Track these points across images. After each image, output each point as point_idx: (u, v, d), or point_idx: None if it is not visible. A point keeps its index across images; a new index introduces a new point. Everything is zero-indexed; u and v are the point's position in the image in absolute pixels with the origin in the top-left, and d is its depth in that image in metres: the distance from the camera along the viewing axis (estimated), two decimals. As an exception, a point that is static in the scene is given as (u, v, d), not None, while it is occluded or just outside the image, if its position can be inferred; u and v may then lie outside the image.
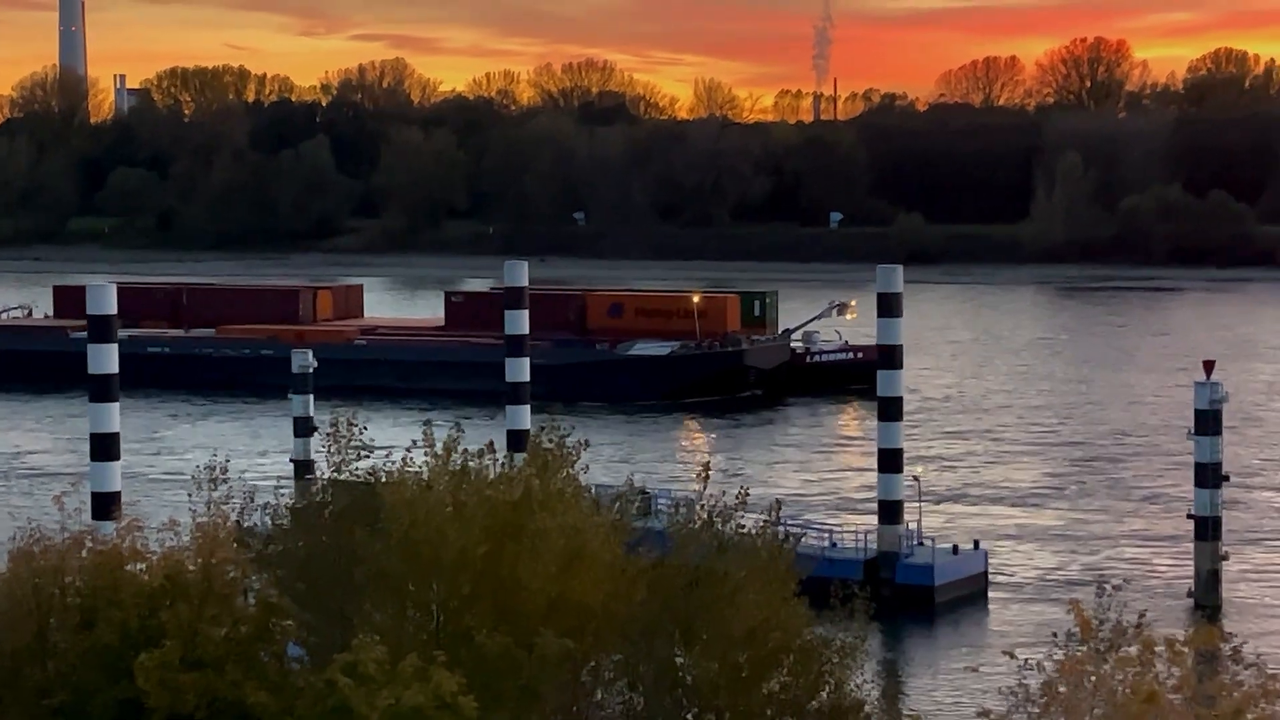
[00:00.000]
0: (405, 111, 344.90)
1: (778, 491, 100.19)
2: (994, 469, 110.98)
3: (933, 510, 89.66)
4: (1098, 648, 30.90)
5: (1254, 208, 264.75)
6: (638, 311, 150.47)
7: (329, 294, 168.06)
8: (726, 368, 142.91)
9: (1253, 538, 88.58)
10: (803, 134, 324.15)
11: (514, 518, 38.35)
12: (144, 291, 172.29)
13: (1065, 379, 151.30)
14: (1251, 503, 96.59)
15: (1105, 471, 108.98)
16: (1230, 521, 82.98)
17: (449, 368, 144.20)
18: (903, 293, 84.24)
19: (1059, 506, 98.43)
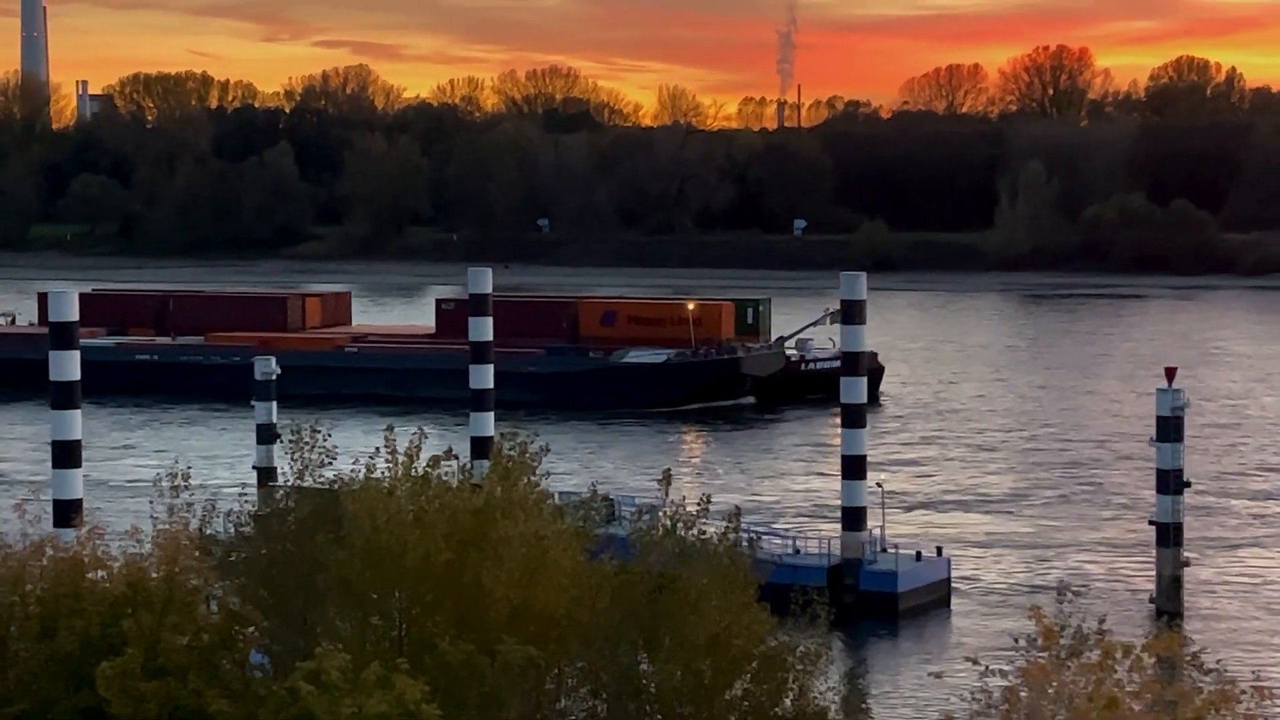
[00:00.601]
0: (369, 118, 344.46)
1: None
2: (957, 475, 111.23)
3: (897, 517, 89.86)
4: (1059, 654, 30.99)
5: (1216, 216, 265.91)
6: (630, 319, 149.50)
7: (317, 301, 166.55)
8: (722, 376, 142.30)
9: (1214, 544, 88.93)
10: (766, 141, 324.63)
11: (476, 525, 38.31)
12: (130, 299, 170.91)
13: (1028, 386, 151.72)
14: (1213, 509, 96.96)
15: (1068, 478, 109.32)
16: (1192, 528, 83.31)
17: (441, 375, 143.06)
18: (867, 300, 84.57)
19: (1022, 513, 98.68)
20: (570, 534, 39.42)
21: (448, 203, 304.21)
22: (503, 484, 39.27)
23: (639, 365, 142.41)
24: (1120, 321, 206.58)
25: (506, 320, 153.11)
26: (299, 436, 41.49)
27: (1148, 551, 79.82)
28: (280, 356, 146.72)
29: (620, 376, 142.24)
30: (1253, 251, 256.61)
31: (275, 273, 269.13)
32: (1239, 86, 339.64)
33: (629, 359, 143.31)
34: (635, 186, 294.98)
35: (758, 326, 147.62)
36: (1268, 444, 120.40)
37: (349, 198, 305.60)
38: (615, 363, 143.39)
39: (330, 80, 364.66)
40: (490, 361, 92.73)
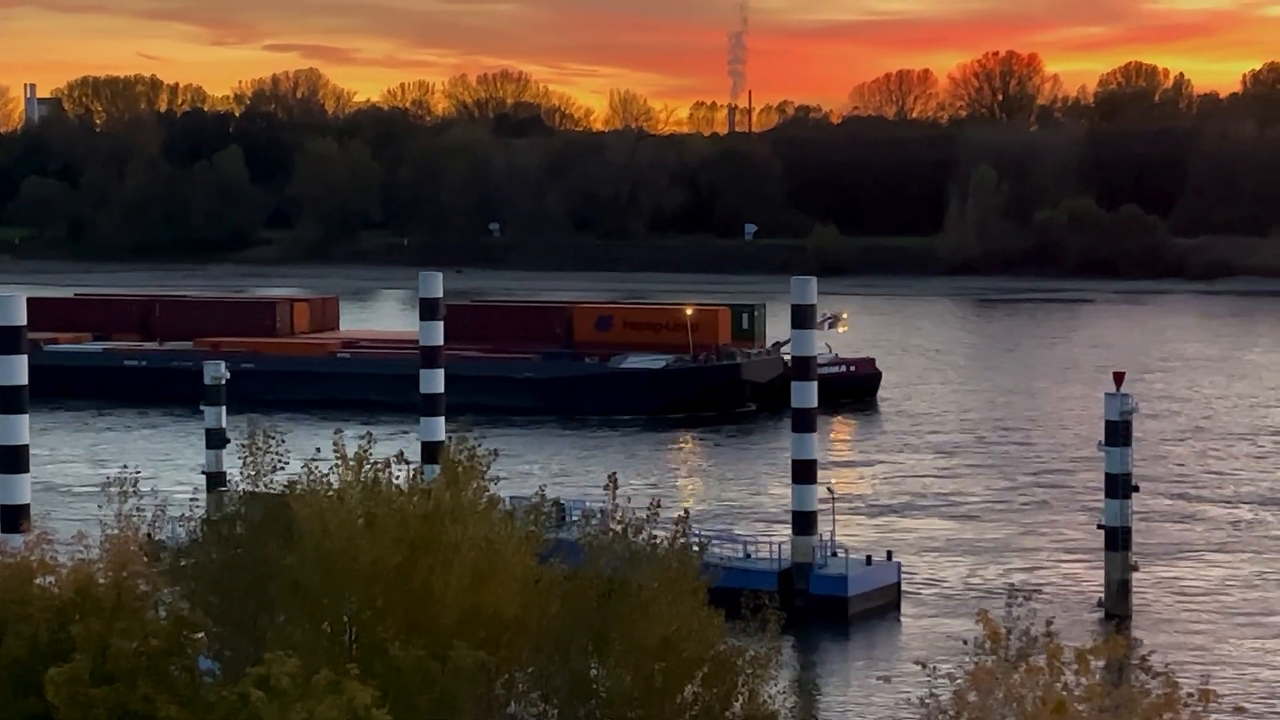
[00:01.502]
0: (319, 122, 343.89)
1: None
2: (908, 479, 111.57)
3: (847, 521, 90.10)
4: (1007, 658, 31.13)
5: (1165, 220, 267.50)
6: (626, 324, 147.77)
7: (305, 306, 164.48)
8: (723, 382, 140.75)
9: (1163, 548, 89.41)
10: (718, 146, 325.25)
11: (426, 530, 38.28)
12: (114, 303, 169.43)
13: (978, 390, 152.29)
14: (1162, 513, 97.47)
15: (1018, 482, 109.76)
16: (1141, 532, 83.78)
17: None
18: (817, 304, 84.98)
19: (972, 517, 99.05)
20: (520, 538, 39.42)
21: (399, 207, 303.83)
22: (452, 488, 39.25)
23: (638, 371, 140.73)
24: (1070, 326, 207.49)
25: (499, 326, 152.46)
26: (251, 441, 41.38)
27: (1097, 555, 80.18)
28: (272, 362, 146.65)
29: (619, 382, 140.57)
30: (1200, 256, 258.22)
31: (225, 276, 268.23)
32: (1186, 92, 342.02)
33: (627, 365, 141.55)
34: (587, 191, 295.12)
35: (753, 332, 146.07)
36: (1216, 448, 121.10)
37: (299, 201, 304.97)
38: (613, 368, 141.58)
39: (280, 84, 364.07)
40: (441, 366, 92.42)
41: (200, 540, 41.39)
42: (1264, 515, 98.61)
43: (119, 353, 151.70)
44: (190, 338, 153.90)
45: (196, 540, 41.49)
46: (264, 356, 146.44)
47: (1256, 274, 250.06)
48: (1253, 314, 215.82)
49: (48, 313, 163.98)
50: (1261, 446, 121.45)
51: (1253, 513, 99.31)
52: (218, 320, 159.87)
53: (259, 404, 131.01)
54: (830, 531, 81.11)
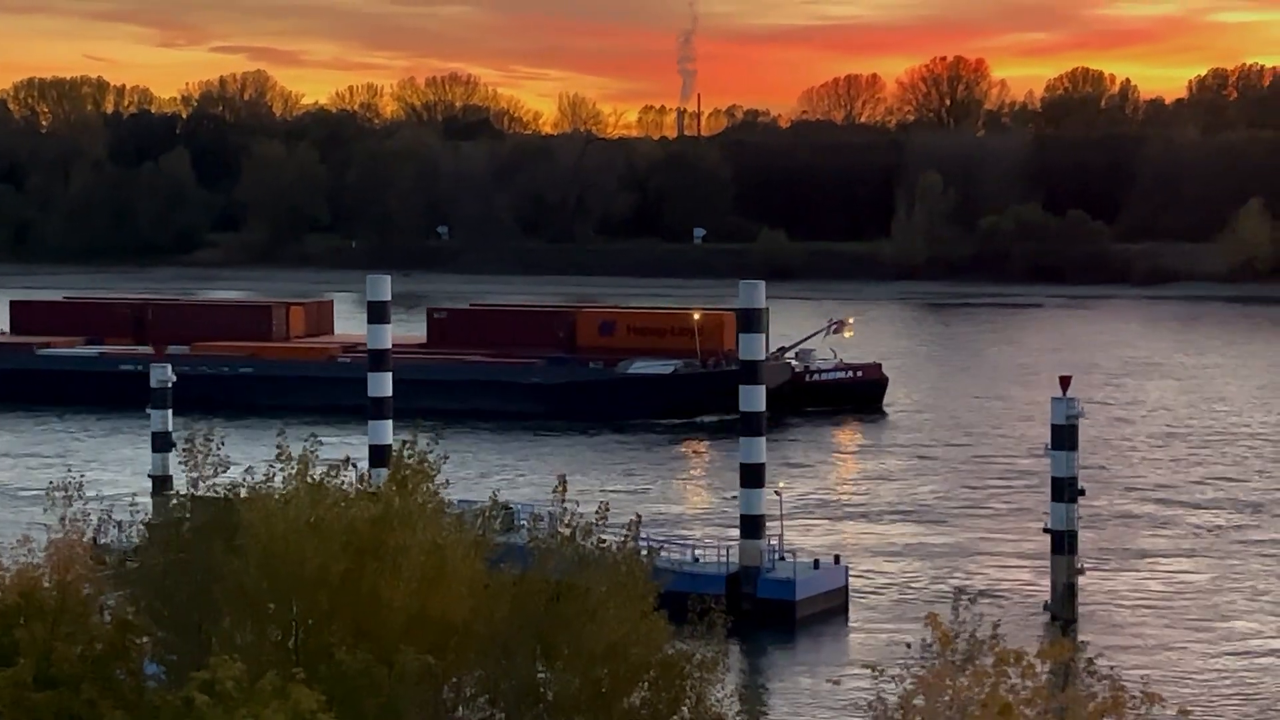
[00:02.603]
0: (267, 124, 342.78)
1: None
2: (855, 483, 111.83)
3: (795, 525, 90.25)
4: (954, 661, 31.22)
5: (1111, 226, 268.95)
6: (630, 329, 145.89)
7: (301, 310, 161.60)
8: (734, 387, 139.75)
9: (1109, 551, 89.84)
10: (666, 150, 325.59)
11: (373, 535, 38.17)
12: (106, 307, 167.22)
13: (925, 394, 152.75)
14: (1107, 517, 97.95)
15: (966, 485, 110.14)
16: (1087, 535, 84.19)
17: (437, 386, 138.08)
18: (767, 308, 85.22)
19: (920, 521, 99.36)
20: (469, 543, 39.34)
21: (346, 210, 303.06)
22: (401, 493, 39.15)
23: (646, 376, 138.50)
24: (1016, 330, 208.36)
25: (499, 330, 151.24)
26: (193, 445, 41.19)
27: (1044, 559, 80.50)
28: (271, 367, 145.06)
29: (626, 387, 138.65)
30: (1146, 261, 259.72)
31: (171, 279, 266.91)
32: (1133, 98, 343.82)
33: (635, 370, 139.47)
34: (535, 194, 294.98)
35: None
36: (1161, 451, 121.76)
37: (246, 204, 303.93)
38: (621, 373, 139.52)
39: (228, 86, 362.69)
40: (389, 369, 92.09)
41: (145, 544, 41.18)
42: (1209, 518, 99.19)
43: (114, 357, 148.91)
44: (184, 342, 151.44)
45: (141, 544, 41.28)
46: (262, 361, 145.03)
47: (1201, 280, 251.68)
48: (1197, 320, 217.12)
49: (37, 316, 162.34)
50: (1206, 451, 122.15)
51: (1198, 516, 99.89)
52: (213, 324, 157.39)
53: (258, 409, 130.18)
54: (778, 535, 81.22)
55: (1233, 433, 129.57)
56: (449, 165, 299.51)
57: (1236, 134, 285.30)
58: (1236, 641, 74.22)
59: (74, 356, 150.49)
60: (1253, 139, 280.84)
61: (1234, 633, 75.54)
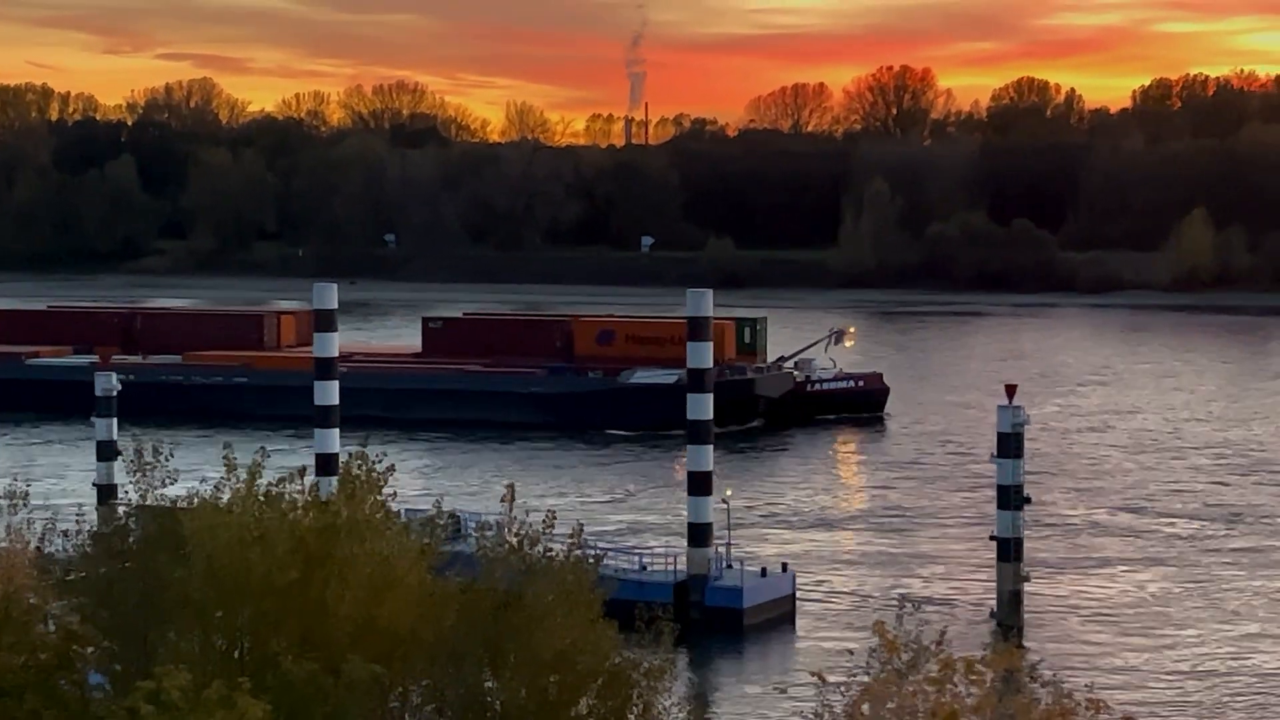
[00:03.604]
0: (213, 131, 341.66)
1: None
2: (802, 491, 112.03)
3: (742, 533, 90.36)
4: (900, 668, 31.34)
5: (1056, 235, 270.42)
6: (629, 338, 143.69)
7: (292, 318, 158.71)
8: (738, 397, 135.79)
9: (1054, 559, 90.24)
10: (614, 158, 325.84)
11: (321, 544, 38.09)
12: (93, 315, 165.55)
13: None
14: (1053, 524, 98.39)
15: (911, 494, 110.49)
16: (1033, 543, 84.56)
17: (435, 396, 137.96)
18: (712, 316, 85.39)
19: (867, 529, 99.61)
20: (416, 551, 39.28)
21: (293, 217, 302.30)
22: (348, 502, 39.07)
23: (649, 386, 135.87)
24: (962, 338, 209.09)
25: (496, 339, 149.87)
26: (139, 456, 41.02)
27: (990, 566, 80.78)
28: (266, 376, 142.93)
29: (629, 398, 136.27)
30: (1091, 270, 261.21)
31: (117, 287, 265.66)
32: (1078, 107, 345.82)
33: (637, 379, 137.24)
34: (483, 202, 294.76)
35: (755, 346, 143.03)
36: (1106, 459, 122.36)
37: (193, 212, 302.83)
38: (623, 383, 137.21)
39: (174, 93, 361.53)
40: (335, 378, 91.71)
41: (90, 553, 40.97)
42: (1154, 525, 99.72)
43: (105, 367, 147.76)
44: (173, 351, 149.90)
45: (86, 553, 41.07)
46: (257, 370, 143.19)
47: (1146, 288, 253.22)
48: (1143, 328, 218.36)
49: (22, 325, 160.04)
50: (1151, 458, 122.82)
51: (1143, 523, 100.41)
52: (202, 333, 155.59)
53: (253, 419, 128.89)
54: (726, 543, 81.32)
55: (1179, 441, 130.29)
56: (396, 173, 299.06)
57: (1180, 144, 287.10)
58: (1182, 649, 74.65)
59: (64, 366, 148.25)
60: (1197, 149, 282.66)
61: (1179, 640, 75.98)
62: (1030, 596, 79.61)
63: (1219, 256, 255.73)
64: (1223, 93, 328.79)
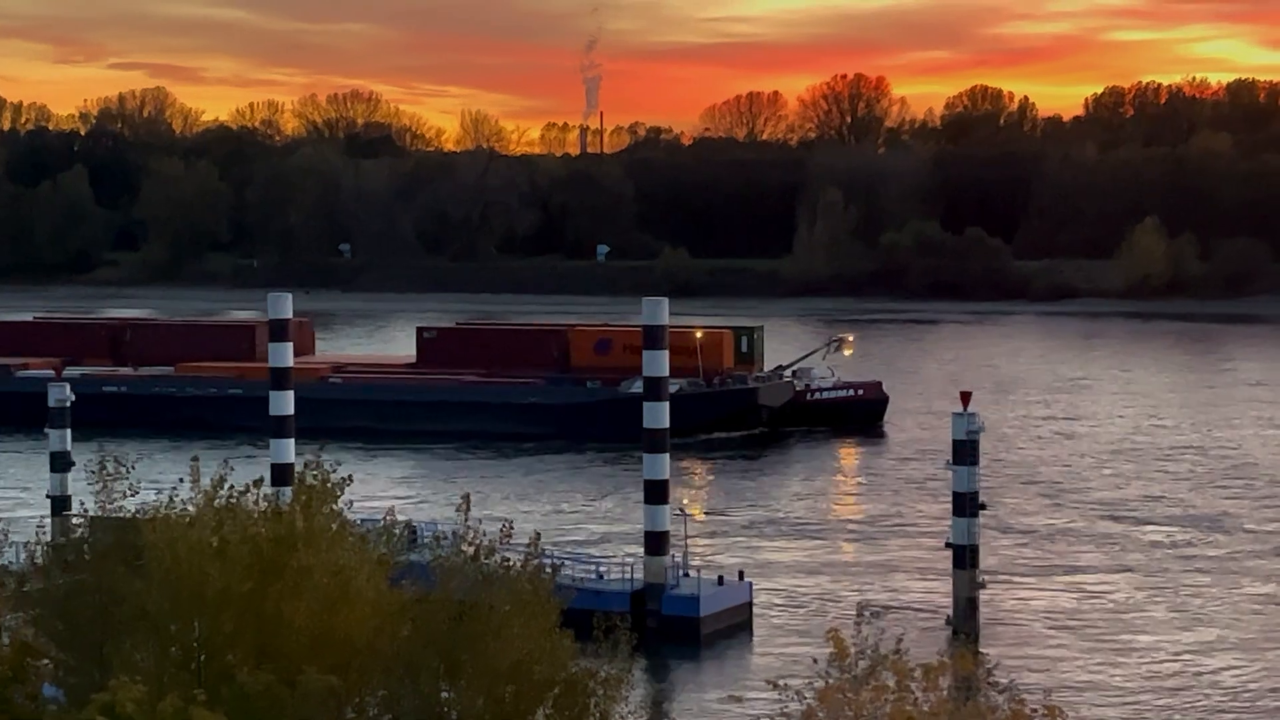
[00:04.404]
0: (166, 141, 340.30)
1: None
2: (760, 500, 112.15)
3: (699, 541, 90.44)
4: (856, 675, 31.44)
5: (1009, 243, 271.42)
6: (626, 348, 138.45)
7: None
8: (740, 406, 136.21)
9: (1009, 565, 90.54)
10: (569, 167, 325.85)
11: (277, 555, 38.02)
12: (82, 327, 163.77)
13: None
14: (1008, 531, 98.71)
15: (868, 501, 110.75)
16: (988, 549, 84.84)
17: (430, 407, 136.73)
18: (668, 324, 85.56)
19: (824, 537, 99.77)
20: (372, 562, 39.24)
21: (248, 228, 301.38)
22: (304, 513, 39.02)
23: None
24: (916, 346, 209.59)
25: (492, 349, 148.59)
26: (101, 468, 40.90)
27: (946, 573, 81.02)
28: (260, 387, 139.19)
29: (630, 407, 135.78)
30: (1043, 278, 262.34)
31: (70, 298, 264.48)
32: (1031, 116, 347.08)
33: (638, 389, 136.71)
34: (438, 211, 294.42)
35: (752, 355, 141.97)
36: (1061, 465, 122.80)
37: (146, 222, 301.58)
38: (624, 393, 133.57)
39: (127, 103, 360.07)
40: (290, 388, 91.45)
41: (45, 565, 40.82)
42: (1109, 531, 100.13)
43: (96, 379, 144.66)
44: (164, 362, 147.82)
45: (42, 565, 40.93)
46: (251, 382, 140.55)
47: (1099, 296, 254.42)
48: (1096, 335, 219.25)
49: (9, 337, 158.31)
50: (1105, 464, 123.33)
51: (1098, 528, 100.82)
52: (193, 344, 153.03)
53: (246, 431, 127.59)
54: (683, 551, 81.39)
55: (1138, 448, 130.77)
56: (351, 182, 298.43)
57: (1133, 151, 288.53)
58: (1139, 655, 74.96)
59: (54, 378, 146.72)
60: (1149, 156, 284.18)
61: (1136, 646, 76.28)
62: (987, 603, 79.87)
63: (1171, 264, 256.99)
64: (1174, 101, 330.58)
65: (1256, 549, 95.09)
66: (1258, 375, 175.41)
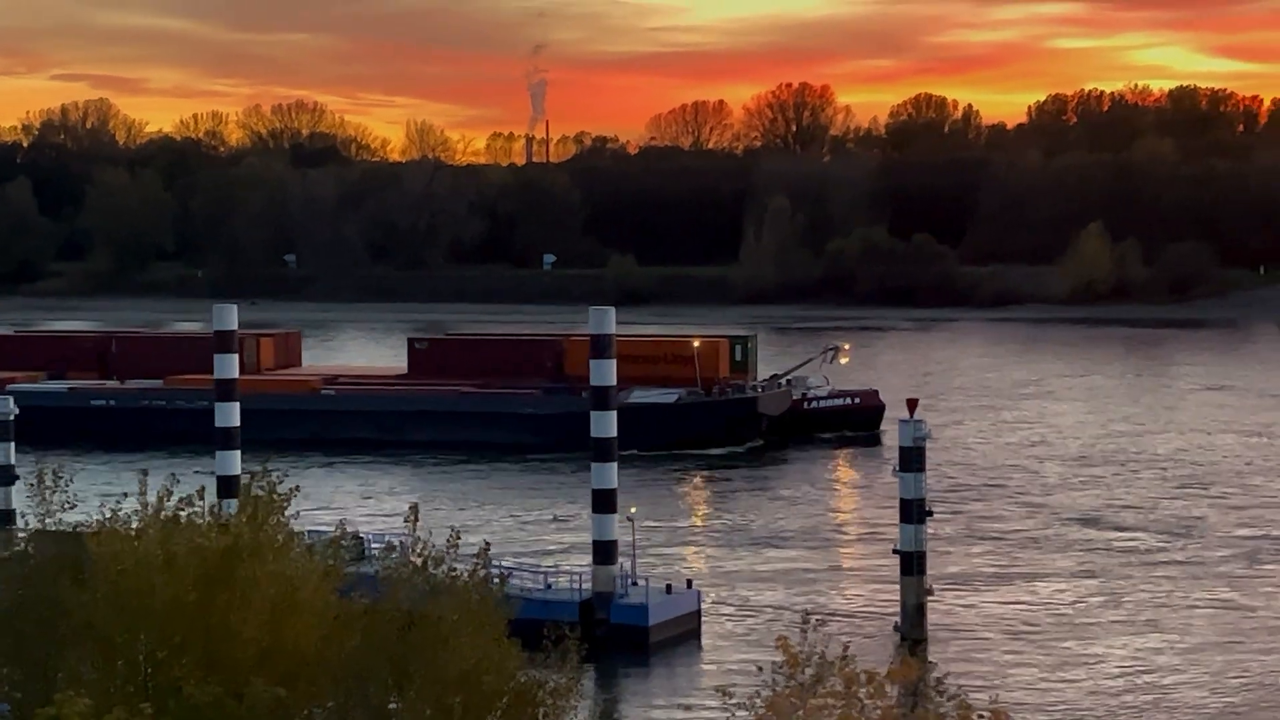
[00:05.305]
0: (110, 152, 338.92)
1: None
2: (708, 507, 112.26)
3: (648, 550, 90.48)
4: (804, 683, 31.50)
5: (955, 249, 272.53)
6: (621, 357, 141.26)
7: (270, 341, 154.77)
8: (740, 416, 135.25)
9: (957, 571, 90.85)
10: (515, 176, 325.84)
11: (224, 566, 37.89)
12: (66, 340, 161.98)
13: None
14: (955, 537, 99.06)
15: (829, 509, 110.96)
16: (935, 555, 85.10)
17: (426, 417, 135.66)
18: (615, 333, 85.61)
19: (772, 545, 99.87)
20: (320, 573, 39.15)
21: (193, 238, 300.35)
22: (251, 524, 38.90)
23: (649, 406, 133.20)
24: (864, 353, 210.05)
25: (486, 359, 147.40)
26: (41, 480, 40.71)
27: (894, 580, 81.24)
28: (253, 400, 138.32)
29: (629, 417, 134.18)
30: (990, 284, 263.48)
31: (14, 310, 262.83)
32: (975, 123, 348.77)
33: (636, 399, 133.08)
34: (384, 221, 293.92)
35: (746, 364, 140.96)
36: (1008, 471, 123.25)
37: (90, 233, 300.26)
38: (622, 403, 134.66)
39: (70, 114, 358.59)
40: (236, 399, 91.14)
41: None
42: (1060, 536, 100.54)
43: (85, 392, 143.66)
44: (151, 375, 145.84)
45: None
46: (244, 395, 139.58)
47: (1044, 301, 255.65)
48: (1041, 341, 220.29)
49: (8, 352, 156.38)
50: (1051, 469, 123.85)
51: (1050, 534, 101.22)
52: (181, 357, 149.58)
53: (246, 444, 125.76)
54: (631, 560, 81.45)
55: (1086, 453, 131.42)
56: (296, 192, 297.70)
57: (1076, 158, 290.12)
58: (1086, 661, 75.28)
59: (42, 392, 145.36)
60: (1093, 163, 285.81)
61: (1084, 653, 76.60)
62: (935, 609, 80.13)
63: (1115, 269, 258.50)
64: (1117, 108, 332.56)
65: (1207, 555, 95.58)
66: (1205, 379, 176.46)
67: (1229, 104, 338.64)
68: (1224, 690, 70.79)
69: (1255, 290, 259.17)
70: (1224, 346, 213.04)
